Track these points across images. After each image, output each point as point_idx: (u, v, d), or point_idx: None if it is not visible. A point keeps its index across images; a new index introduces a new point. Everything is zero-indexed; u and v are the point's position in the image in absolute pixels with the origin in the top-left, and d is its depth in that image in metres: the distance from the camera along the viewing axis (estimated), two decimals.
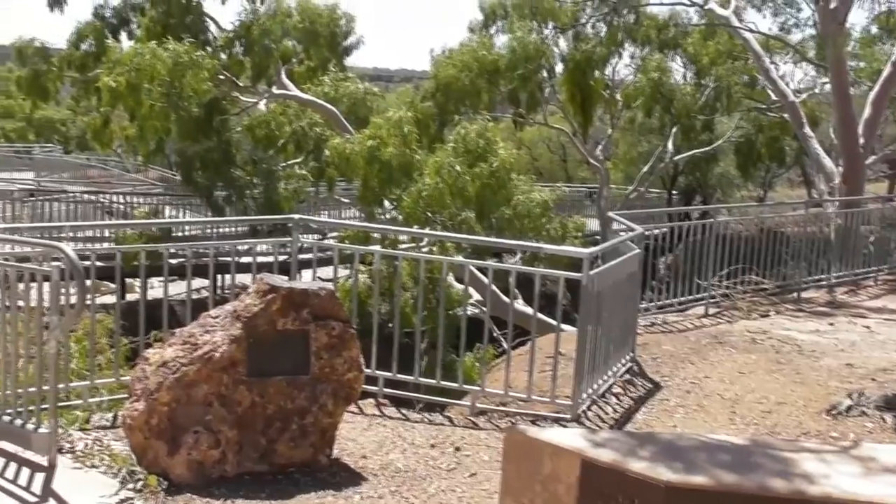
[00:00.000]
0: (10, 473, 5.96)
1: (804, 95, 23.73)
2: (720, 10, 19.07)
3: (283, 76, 21.80)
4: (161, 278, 7.68)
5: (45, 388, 6.27)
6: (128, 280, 15.22)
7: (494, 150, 16.57)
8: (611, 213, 11.48)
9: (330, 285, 6.55)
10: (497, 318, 12.61)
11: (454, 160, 16.08)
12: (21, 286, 6.49)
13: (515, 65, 22.55)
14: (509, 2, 25.54)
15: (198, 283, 11.71)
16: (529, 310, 13.66)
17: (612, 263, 7.98)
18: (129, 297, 14.95)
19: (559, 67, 25.74)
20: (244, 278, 8.87)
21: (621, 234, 9.77)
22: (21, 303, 6.60)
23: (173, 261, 8.40)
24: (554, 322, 7.94)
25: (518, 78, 22.75)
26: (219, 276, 15.14)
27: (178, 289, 11.81)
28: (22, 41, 22.78)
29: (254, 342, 6.07)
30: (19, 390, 6.38)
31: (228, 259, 8.82)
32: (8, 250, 7.41)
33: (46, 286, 6.20)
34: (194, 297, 8.42)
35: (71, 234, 16.31)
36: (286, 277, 6.80)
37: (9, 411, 6.40)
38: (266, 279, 6.26)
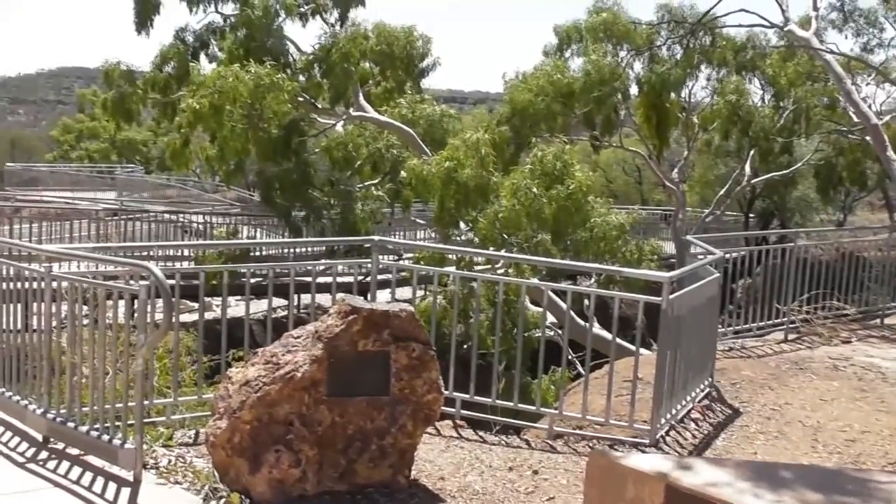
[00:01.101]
0: (97, 487, 6.08)
1: (887, 118, 23.25)
2: (800, 32, 18.79)
3: (361, 98, 22.00)
4: (237, 297, 7.80)
5: (131, 404, 6.41)
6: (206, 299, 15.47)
7: (571, 173, 16.53)
8: (689, 237, 11.38)
9: (410, 307, 6.59)
10: (570, 341, 12.53)
11: (531, 182, 16.08)
12: (109, 304, 6.64)
13: (590, 88, 22.50)
14: (584, 25, 25.52)
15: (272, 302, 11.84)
16: (605, 333, 13.68)
17: (692, 287, 7.92)
18: (207, 315, 15.19)
19: (634, 90, 25.64)
20: (319, 298, 8.99)
21: (699, 257, 9.68)
22: (108, 320, 6.77)
23: (251, 280, 8.51)
24: (628, 346, 7.89)
25: (593, 101, 22.71)
26: (295, 296, 15.34)
27: (253, 308, 11.97)
28: (108, 64, 23.33)
29: (335, 362, 6.13)
30: (107, 406, 6.53)
31: (305, 279, 8.93)
32: (93, 269, 7.63)
33: (120, 303, 6.35)
34: (259, 315, 8.52)
35: (151, 253, 16.58)
36: (363, 298, 6.85)
37: (96, 426, 6.55)
38: (348, 300, 6.32)
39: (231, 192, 34.29)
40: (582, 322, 16.34)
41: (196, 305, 17.31)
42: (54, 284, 7.03)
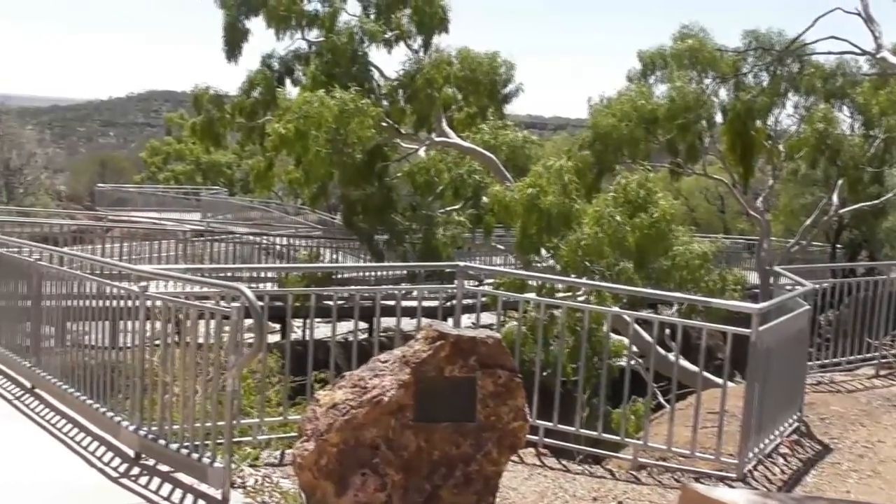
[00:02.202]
0: None
1: None
2: (893, 59, 18.47)
3: (444, 123, 22.13)
4: (318, 319, 7.89)
5: (220, 423, 6.52)
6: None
7: (655, 201, 16.42)
8: (777, 268, 11.20)
9: (497, 334, 6.60)
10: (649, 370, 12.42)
11: (614, 210, 16.01)
12: (201, 325, 6.77)
13: (674, 114, 22.36)
14: (669, 51, 25.38)
15: (347, 325, 11.95)
16: (685, 363, 13.51)
17: (782, 320, 7.80)
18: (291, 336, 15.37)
19: (719, 117, 25.38)
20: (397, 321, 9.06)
21: (787, 288, 9.53)
22: (195, 341, 6.90)
23: (332, 302, 8.61)
24: (709, 376, 7.80)
25: (677, 127, 22.56)
26: (370, 319, 15.45)
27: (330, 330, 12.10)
28: (198, 89, 23.83)
29: (422, 388, 6.14)
30: (196, 424, 6.64)
31: (385, 302, 9.02)
32: (183, 289, 7.78)
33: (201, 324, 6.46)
34: (338, 338, 8.59)
35: (236, 274, 16.82)
36: (450, 324, 6.88)
37: (186, 444, 6.67)
38: (435, 326, 6.34)
39: (313, 214, 34.67)
40: (663, 351, 16.23)
41: (277, 327, 17.64)
42: (148, 303, 7.20)
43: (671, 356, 16.25)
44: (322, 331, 11.72)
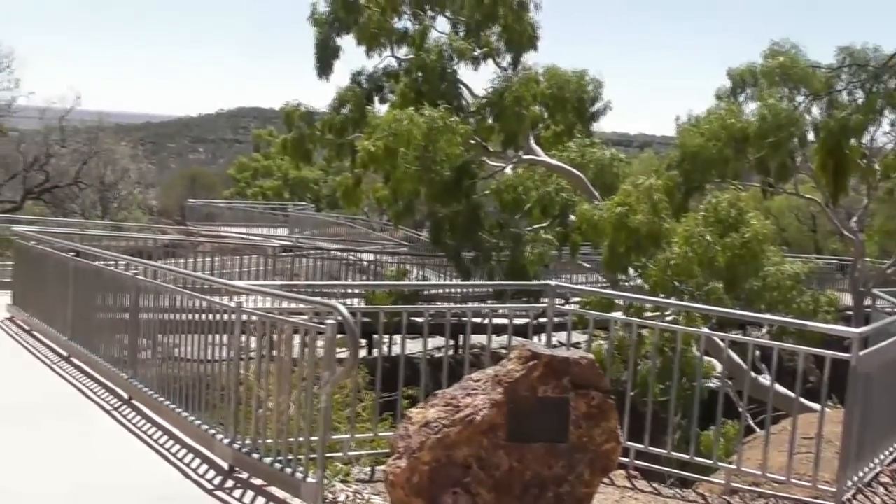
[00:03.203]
0: None
1: None
2: None
3: (532, 141, 22.13)
4: (402, 335, 7.93)
5: (313, 438, 6.58)
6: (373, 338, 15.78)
7: (746, 220, 16.19)
8: (875, 290, 10.95)
9: (590, 354, 6.55)
10: (739, 393, 12.23)
11: (704, 229, 15.83)
12: (295, 341, 6.85)
13: (765, 133, 22.05)
14: (759, 69, 25.07)
15: (430, 342, 11.95)
16: (779, 386, 13.23)
17: (885, 344, 7.60)
18: (374, 353, 15.48)
19: (811, 135, 24.95)
20: (483, 339, 9.04)
21: (885, 311, 9.31)
22: (289, 356, 6.98)
23: (419, 319, 8.64)
24: (803, 401, 7.62)
25: (768, 146, 22.24)
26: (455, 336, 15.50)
27: (415, 347, 12.14)
28: (289, 106, 24.16)
29: (514, 407, 6.13)
30: (290, 439, 6.72)
31: (473, 320, 9.02)
32: (276, 304, 7.89)
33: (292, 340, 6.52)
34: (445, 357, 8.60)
35: (324, 290, 16.94)
36: (543, 344, 6.85)
37: (280, 458, 6.74)
38: (528, 346, 6.33)
39: (398, 231, 34.87)
40: (752, 373, 15.95)
41: (363, 342, 17.73)
42: (243, 318, 7.32)
43: (761, 378, 16.05)
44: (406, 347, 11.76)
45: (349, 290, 20.20)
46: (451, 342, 18.33)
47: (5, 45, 35.24)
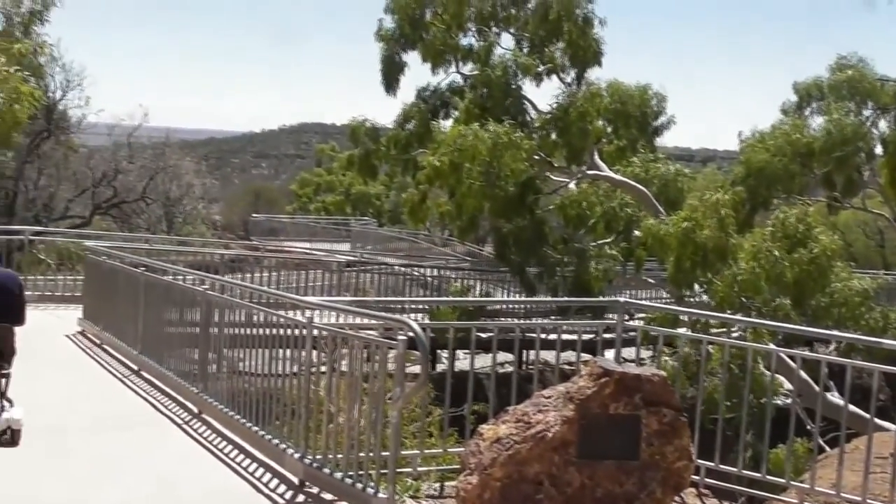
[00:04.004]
0: None
1: None
2: None
3: (596, 156, 22.07)
4: (466, 351, 7.95)
5: (384, 453, 6.61)
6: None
7: (815, 236, 15.98)
8: None
9: (662, 371, 6.51)
10: (806, 410, 12.05)
11: (772, 245, 15.64)
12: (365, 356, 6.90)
13: (831, 147, 21.84)
14: (826, 83, 24.80)
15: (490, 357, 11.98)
16: (841, 401, 12.99)
17: None
18: (437, 368, 15.54)
19: (878, 149, 24.58)
20: (546, 355, 9.03)
21: None
22: (360, 371, 7.02)
23: (483, 334, 8.65)
24: (879, 421, 7.48)
25: (834, 161, 21.97)
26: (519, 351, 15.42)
27: (479, 362, 12.15)
28: (355, 122, 24.33)
29: (585, 424, 6.11)
30: (360, 454, 6.75)
31: (533, 335, 9.03)
32: (344, 320, 7.95)
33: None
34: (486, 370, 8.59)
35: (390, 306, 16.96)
36: (606, 359, 6.82)
37: (350, 473, 6.78)
38: (600, 363, 6.31)
39: (460, 246, 34.86)
40: (818, 388, 15.67)
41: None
42: (314, 333, 7.38)
43: (829, 396, 15.77)
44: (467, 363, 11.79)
45: (412, 306, 20.28)
46: (514, 357, 18.31)
47: (77, 64, 35.85)
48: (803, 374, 16.04)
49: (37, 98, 12.74)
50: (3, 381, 8.32)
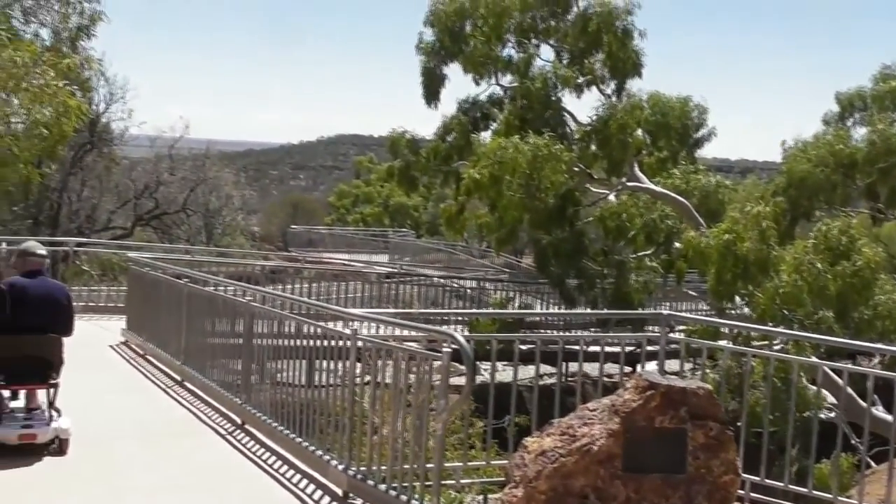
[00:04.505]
0: None
1: None
2: None
3: (636, 168, 22.01)
4: (504, 363, 7.95)
5: (428, 465, 6.61)
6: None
7: (858, 248, 15.82)
8: None
9: (707, 385, 6.47)
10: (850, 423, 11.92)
11: (814, 257, 15.50)
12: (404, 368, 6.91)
13: (875, 158, 21.61)
14: (869, 93, 24.58)
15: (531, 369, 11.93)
16: (887, 416, 12.84)
17: None
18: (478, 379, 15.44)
19: None
20: (585, 367, 8.96)
21: None
22: (405, 383, 7.03)
23: (523, 346, 8.64)
24: None
25: (877, 172, 21.74)
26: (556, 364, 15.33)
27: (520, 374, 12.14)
28: (395, 134, 24.42)
29: (631, 437, 6.08)
30: (405, 466, 6.76)
31: (572, 348, 9.03)
32: (373, 331, 7.98)
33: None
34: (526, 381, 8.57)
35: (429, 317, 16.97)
36: (652, 372, 6.79)
37: (394, 485, 6.79)
38: (645, 375, 6.28)
39: (498, 257, 34.83)
40: (863, 403, 15.50)
41: (463, 368, 17.72)
42: (358, 345, 7.41)
43: (874, 410, 15.58)
44: (507, 374, 11.78)
45: (452, 318, 20.28)
46: (551, 369, 18.26)
47: (120, 77, 36.33)
48: (848, 388, 15.93)
49: (84, 112, 12.91)
50: (52, 391, 8.42)
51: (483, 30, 21.66)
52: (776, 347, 14.67)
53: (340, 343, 7.67)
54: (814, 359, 11.61)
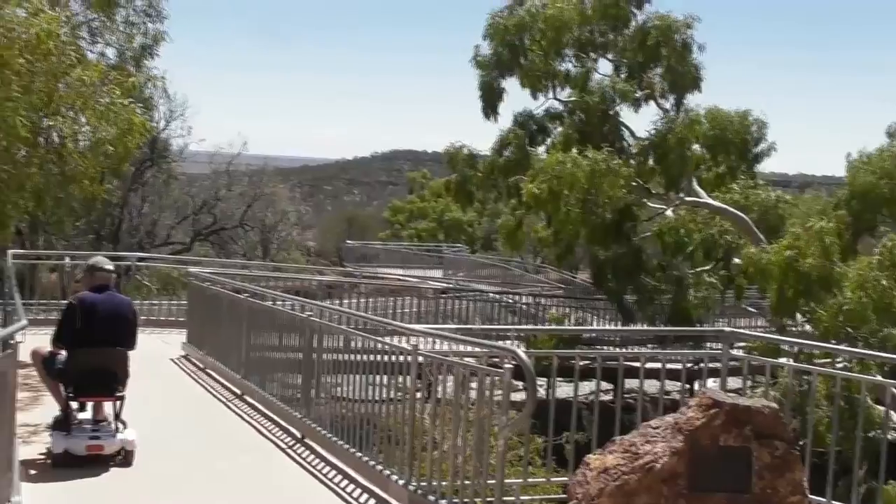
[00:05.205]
0: None
1: None
2: None
3: (694, 183, 21.84)
4: (560, 379, 7.92)
5: (490, 482, 6.60)
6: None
7: None
8: None
9: (773, 403, 6.39)
10: None
11: (879, 274, 15.23)
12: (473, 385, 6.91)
13: None
14: None
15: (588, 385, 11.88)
16: None
17: None
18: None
19: None
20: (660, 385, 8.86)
21: None
22: (466, 399, 7.03)
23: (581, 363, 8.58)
24: None
25: None
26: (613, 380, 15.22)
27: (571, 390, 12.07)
28: (453, 148, 24.45)
29: (695, 456, 6.02)
30: (466, 482, 6.75)
31: (631, 364, 8.96)
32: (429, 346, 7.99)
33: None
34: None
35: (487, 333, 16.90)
36: (716, 390, 6.72)
37: (455, 501, 6.78)
38: (709, 393, 6.23)
39: (553, 273, 34.69)
40: None
41: (520, 385, 17.67)
42: (419, 360, 7.42)
43: None
44: (561, 391, 11.74)
45: (509, 334, 20.18)
46: (611, 386, 18.12)
47: (180, 95, 36.84)
48: None
49: (147, 130, 13.12)
50: (119, 403, 8.55)
51: (541, 43, 21.61)
52: (838, 365, 14.44)
53: (401, 358, 7.69)
54: (879, 377, 11.46)
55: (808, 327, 17.03)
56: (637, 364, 8.77)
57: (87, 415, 8.72)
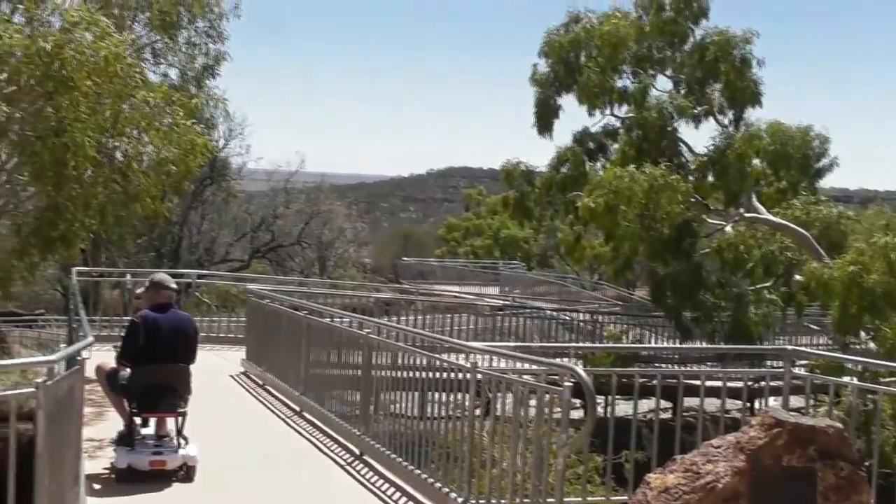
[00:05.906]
0: None
1: None
2: None
3: (754, 199, 21.62)
4: (618, 397, 7.87)
5: (550, 500, 6.57)
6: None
7: None
8: None
9: (838, 423, 6.30)
10: None
11: None
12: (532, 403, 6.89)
13: None
14: None
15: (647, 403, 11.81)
16: None
17: None
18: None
19: None
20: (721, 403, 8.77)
21: None
22: (526, 417, 7.01)
23: (641, 380, 8.52)
24: None
25: None
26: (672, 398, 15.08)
27: (628, 408, 12.01)
28: (510, 165, 24.53)
29: (757, 476, 5.94)
30: (526, 500, 6.73)
31: (690, 382, 8.91)
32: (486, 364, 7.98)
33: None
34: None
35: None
36: (779, 408, 6.63)
37: None
38: (772, 412, 6.15)
39: (610, 290, 34.52)
40: None
41: (577, 402, 17.57)
42: (478, 378, 7.42)
43: None
44: (619, 409, 11.67)
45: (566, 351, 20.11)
46: (670, 404, 17.97)
47: (239, 114, 37.37)
48: None
49: (210, 150, 13.32)
50: (181, 419, 8.65)
51: (598, 60, 21.58)
52: None
53: (459, 376, 7.69)
54: None
55: (871, 345, 16.76)
56: (697, 382, 8.71)
57: (150, 430, 8.83)
